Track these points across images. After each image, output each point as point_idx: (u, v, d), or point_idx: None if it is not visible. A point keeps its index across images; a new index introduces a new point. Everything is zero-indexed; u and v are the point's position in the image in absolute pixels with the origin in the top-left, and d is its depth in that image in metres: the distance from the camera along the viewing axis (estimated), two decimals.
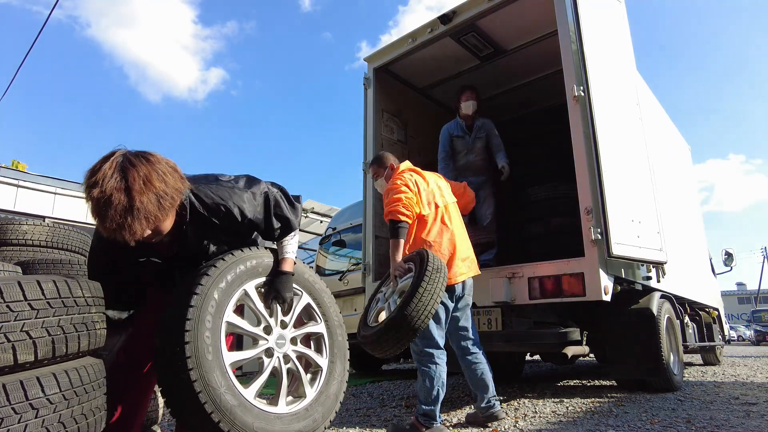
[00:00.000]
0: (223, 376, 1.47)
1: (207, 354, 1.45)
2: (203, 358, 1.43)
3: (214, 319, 1.52)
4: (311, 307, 1.97)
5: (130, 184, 1.29)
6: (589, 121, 3.18)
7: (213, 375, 1.44)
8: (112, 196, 1.27)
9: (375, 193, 4.50)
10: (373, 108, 4.64)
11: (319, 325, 1.97)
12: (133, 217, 1.29)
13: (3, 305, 1.12)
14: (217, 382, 1.44)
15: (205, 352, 1.44)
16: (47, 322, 1.19)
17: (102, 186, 1.27)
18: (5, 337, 1.11)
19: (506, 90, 5.47)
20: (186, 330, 1.42)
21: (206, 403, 1.40)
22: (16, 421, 1.08)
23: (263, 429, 1.51)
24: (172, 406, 1.47)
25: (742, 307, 44.85)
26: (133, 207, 1.28)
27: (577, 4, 3.33)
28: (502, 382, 5.01)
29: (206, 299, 1.51)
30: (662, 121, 5.38)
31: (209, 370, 1.44)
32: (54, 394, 1.18)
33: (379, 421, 3.19)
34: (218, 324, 1.53)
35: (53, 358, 1.22)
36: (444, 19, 4.16)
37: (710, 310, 6.58)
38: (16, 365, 1.13)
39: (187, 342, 1.42)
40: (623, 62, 3.88)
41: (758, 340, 22.04)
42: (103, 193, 1.26)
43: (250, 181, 1.80)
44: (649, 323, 3.61)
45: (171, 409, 1.48)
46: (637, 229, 3.35)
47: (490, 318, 3.55)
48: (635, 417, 2.93)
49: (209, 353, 1.45)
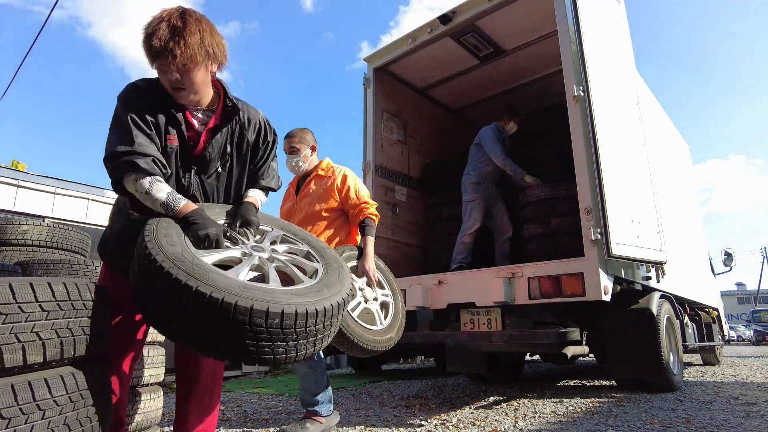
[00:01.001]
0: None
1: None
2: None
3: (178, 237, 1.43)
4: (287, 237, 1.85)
5: (186, 16, 1.52)
6: (588, 121, 3.19)
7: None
8: (170, 18, 1.50)
9: (375, 194, 4.52)
10: (373, 108, 4.65)
11: (302, 245, 1.82)
12: (177, 40, 1.46)
13: (15, 306, 1.13)
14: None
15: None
16: (57, 324, 1.21)
17: (163, 13, 1.52)
18: (16, 338, 1.12)
19: (506, 90, 5.48)
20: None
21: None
22: (23, 421, 1.09)
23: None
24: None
25: (741, 307, 44.87)
26: (183, 32, 1.48)
27: (576, 4, 3.34)
28: (502, 382, 5.02)
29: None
30: (662, 121, 5.39)
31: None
32: (60, 396, 1.19)
33: (379, 421, 3.20)
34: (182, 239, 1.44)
35: (61, 360, 1.23)
36: (444, 19, 4.17)
37: (710, 310, 6.59)
38: (25, 366, 1.14)
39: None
40: (623, 62, 3.89)
41: (758, 340, 22.06)
42: (162, 16, 1.50)
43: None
44: (649, 323, 3.62)
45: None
46: (636, 229, 3.36)
47: (490, 318, 3.56)
48: (635, 417, 2.94)
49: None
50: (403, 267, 4.65)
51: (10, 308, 1.12)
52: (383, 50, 4.69)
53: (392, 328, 2.52)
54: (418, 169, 5.24)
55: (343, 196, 2.75)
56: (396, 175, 4.89)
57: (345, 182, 2.77)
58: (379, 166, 4.63)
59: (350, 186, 2.77)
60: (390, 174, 4.80)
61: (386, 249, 4.55)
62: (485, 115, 5.32)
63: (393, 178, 4.84)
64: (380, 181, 4.64)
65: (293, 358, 1.35)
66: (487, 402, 3.84)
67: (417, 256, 4.95)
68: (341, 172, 2.82)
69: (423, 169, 5.27)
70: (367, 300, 2.51)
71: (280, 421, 3.26)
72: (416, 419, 3.19)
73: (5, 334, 1.10)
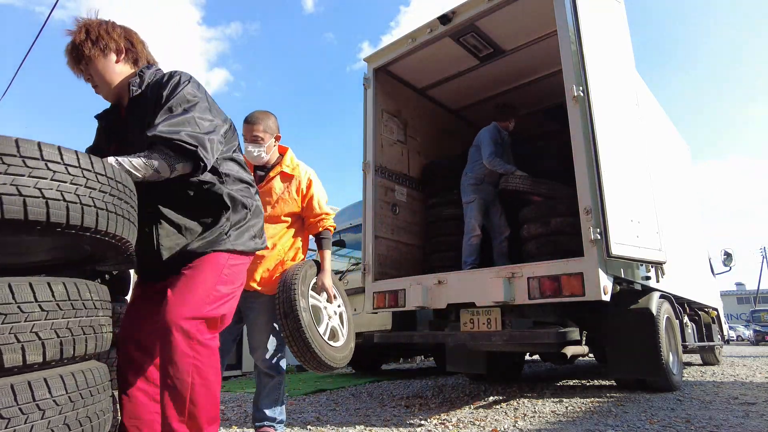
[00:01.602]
0: None
1: None
2: None
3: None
4: None
5: (89, 20, 1.73)
6: (588, 122, 3.20)
7: None
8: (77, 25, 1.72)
9: (375, 194, 4.52)
10: (373, 108, 4.65)
11: None
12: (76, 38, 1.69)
13: (14, 306, 1.12)
14: None
15: None
16: (56, 323, 1.20)
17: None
18: (15, 338, 1.12)
19: (505, 90, 5.48)
20: None
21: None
22: (22, 421, 1.09)
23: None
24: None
25: (741, 307, 44.87)
26: (81, 29, 1.70)
27: (576, 4, 3.33)
28: (502, 382, 5.02)
29: None
30: (661, 121, 5.39)
31: None
32: (60, 396, 1.19)
33: (379, 421, 3.20)
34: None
35: (60, 360, 1.23)
36: (443, 20, 4.17)
37: (709, 310, 6.59)
38: (25, 366, 1.13)
39: None
40: (622, 62, 3.89)
41: (757, 340, 22.09)
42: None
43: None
44: (649, 323, 3.62)
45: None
46: (636, 228, 3.36)
47: (490, 318, 3.56)
48: (634, 417, 2.95)
49: None
50: (403, 267, 4.65)
51: (10, 308, 1.12)
52: (383, 50, 4.69)
53: (350, 338, 2.76)
54: (418, 169, 5.24)
55: (305, 204, 2.66)
56: (396, 175, 4.89)
57: (310, 189, 2.68)
58: (379, 166, 4.64)
59: (314, 194, 2.67)
60: (390, 174, 4.81)
61: (386, 249, 4.56)
62: (485, 115, 5.30)
63: (393, 178, 4.85)
64: (380, 181, 4.64)
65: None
66: (487, 402, 3.84)
67: (417, 256, 4.94)
68: (306, 176, 2.70)
69: (423, 169, 5.27)
70: (330, 317, 2.65)
71: None
72: (416, 419, 3.19)
73: (4, 334, 1.10)
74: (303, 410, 3.76)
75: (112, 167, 1.35)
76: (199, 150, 1.57)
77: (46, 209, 1.13)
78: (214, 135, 1.66)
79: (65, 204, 1.17)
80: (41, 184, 1.14)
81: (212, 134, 1.64)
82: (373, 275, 4.26)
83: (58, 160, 1.19)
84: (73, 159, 1.22)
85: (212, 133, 1.65)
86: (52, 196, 1.15)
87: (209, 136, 1.63)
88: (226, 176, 1.80)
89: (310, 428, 3.00)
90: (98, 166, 1.29)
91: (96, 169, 1.28)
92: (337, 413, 3.57)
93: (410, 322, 5.49)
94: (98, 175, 1.28)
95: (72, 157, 1.22)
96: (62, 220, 1.17)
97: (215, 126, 1.68)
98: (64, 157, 1.21)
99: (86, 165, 1.25)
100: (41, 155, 1.16)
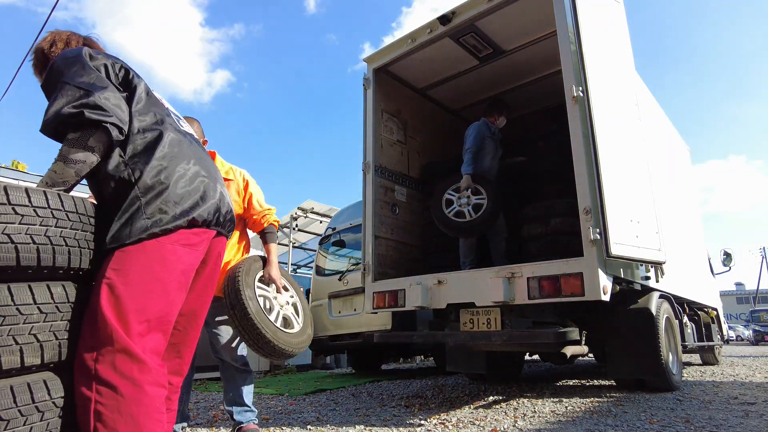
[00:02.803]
0: None
1: None
2: None
3: None
4: None
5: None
6: (588, 122, 3.19)
7: None
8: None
9: (375, 194, 4.52)
10: (373, 108, 4.65)
11: None
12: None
13: (13, 308, 1.12)
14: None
15: None
16: (55, 326, 1.20)
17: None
18: (13, 340, 1.12)
19: (505, 90, 5.48)
20: None
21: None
22: (21, 423, 1.09)
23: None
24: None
25: (740, 307, 44.89)
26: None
27: (576, 4, 3.33)
28: (502, 382, 5.03)
29: None
30: (661, 121, 5.39)
31: None
32: (59, 398, 1.19)
33: (379, 421, 3.20)
34: None
35: (59, 362, 1.23)
36: (443, 20, 4.17)
37: (709, 310, 6.59)
38: (23, 368, 1.13)
39: None
40: (622, 63, 3.89)
41: (757, 340, 22.09)
42: None
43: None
44: (648, 323, 3.63)
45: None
46: (636, 229, 3.36)
47: (489, 318, 3.56)
48: (634, 417, 2.95)
49: None
50: (403, 267, 4.65)
51: (8, 310, 1.12)
52: (383, 51, 4.68)
53: (307, 325, 2.80)
54: (418, 169, 5.24)
55: (246, 204, 2.69)
56: (396, 175, 4.89)
57: (248, 188, 2.70)
58: (378, 166, 4.64)
59: (252, 193, 2.70)
60: (390, 174, 4.81)
61: (386, 249, 4.56)
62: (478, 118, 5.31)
63: (393, 178, 4.85)
64: (380, 181, 4.64)
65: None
66: (487, 401, 3.84)
67: (417, 256, 4.94)
68: (242, 176, 2.72)
69: (423, 169, 5.27)
70: (282, 306, 2.71)
71: (280, 421, 3.26)
72: (416, 419, 3.19)
73: (3, 336, 1.10)
74: (303, 410, 3.76)
75: (83, 202, 1.33)
76: (86, 112, 1.33)
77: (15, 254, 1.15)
78: (101, 91, 1.39)
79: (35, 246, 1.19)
80: (9, 230, 1.15)
81: (100, 91, 1.38)
82: (373, 275, 4.26)
83: (26, 203, 1.20)
84: (41, 200, 1.23)
85: (95, 88, 1.39)
86: (21, 240, 1.17)
87: (92, 96, 1.36)
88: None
89: (310, 428, 3.00)
90: (68, 204, 1.29)
91: (66, 208, 1.28)
92: (337, 413, 3.57)
93: (410, 322, 5.49)
94: (68, 213, 1.28)
95: (41, 198, 1.23)
96: (33, 263, 1.19)
97: (92, 80, 1.41)
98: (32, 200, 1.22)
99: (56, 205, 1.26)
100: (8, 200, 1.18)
